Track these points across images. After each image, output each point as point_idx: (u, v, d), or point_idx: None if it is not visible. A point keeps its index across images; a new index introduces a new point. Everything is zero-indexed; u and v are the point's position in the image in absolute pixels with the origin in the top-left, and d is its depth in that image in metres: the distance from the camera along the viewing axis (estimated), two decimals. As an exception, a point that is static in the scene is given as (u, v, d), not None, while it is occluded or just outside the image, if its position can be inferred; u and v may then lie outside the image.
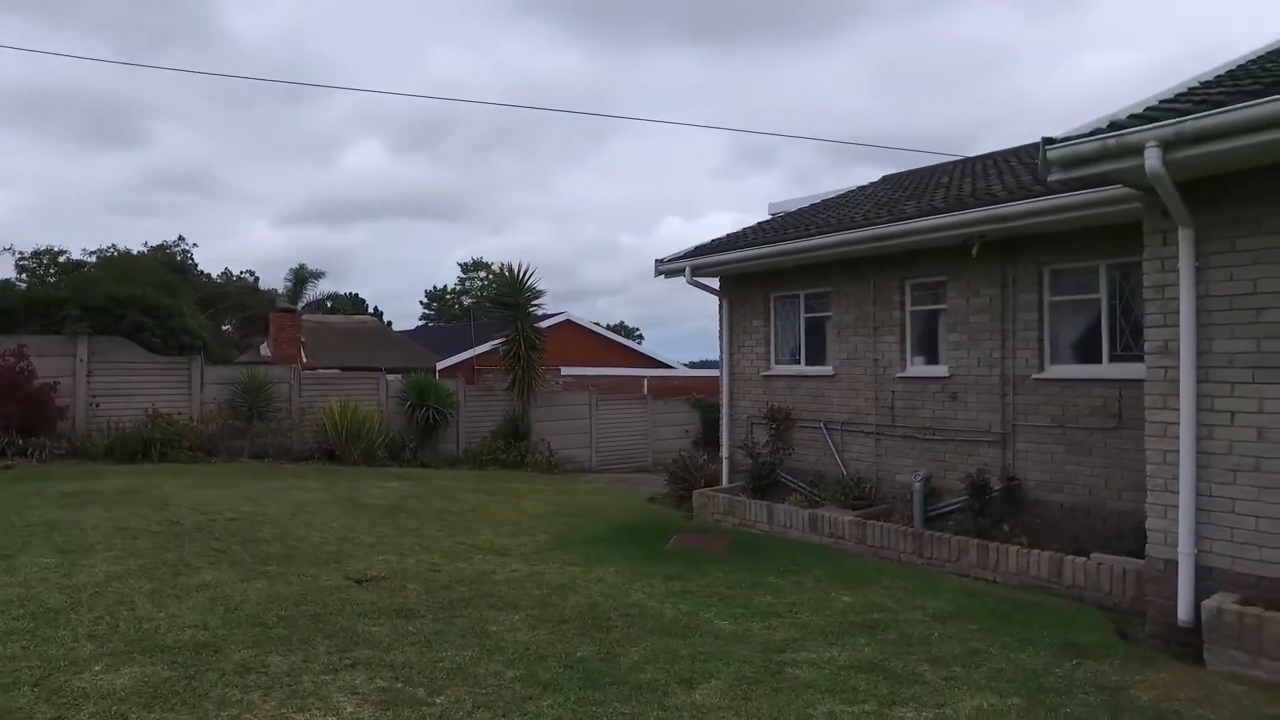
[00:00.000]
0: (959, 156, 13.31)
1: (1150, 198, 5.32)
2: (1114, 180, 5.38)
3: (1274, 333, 4.98)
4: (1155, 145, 4.77)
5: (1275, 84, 4.55)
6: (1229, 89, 4.99)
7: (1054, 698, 4.13)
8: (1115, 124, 5.18)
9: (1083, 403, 7.47)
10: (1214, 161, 4.83)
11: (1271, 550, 4.98)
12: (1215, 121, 4.59)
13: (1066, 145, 5.19)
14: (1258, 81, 4.90)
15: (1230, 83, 5.27)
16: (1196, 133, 4.65)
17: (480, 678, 3.95)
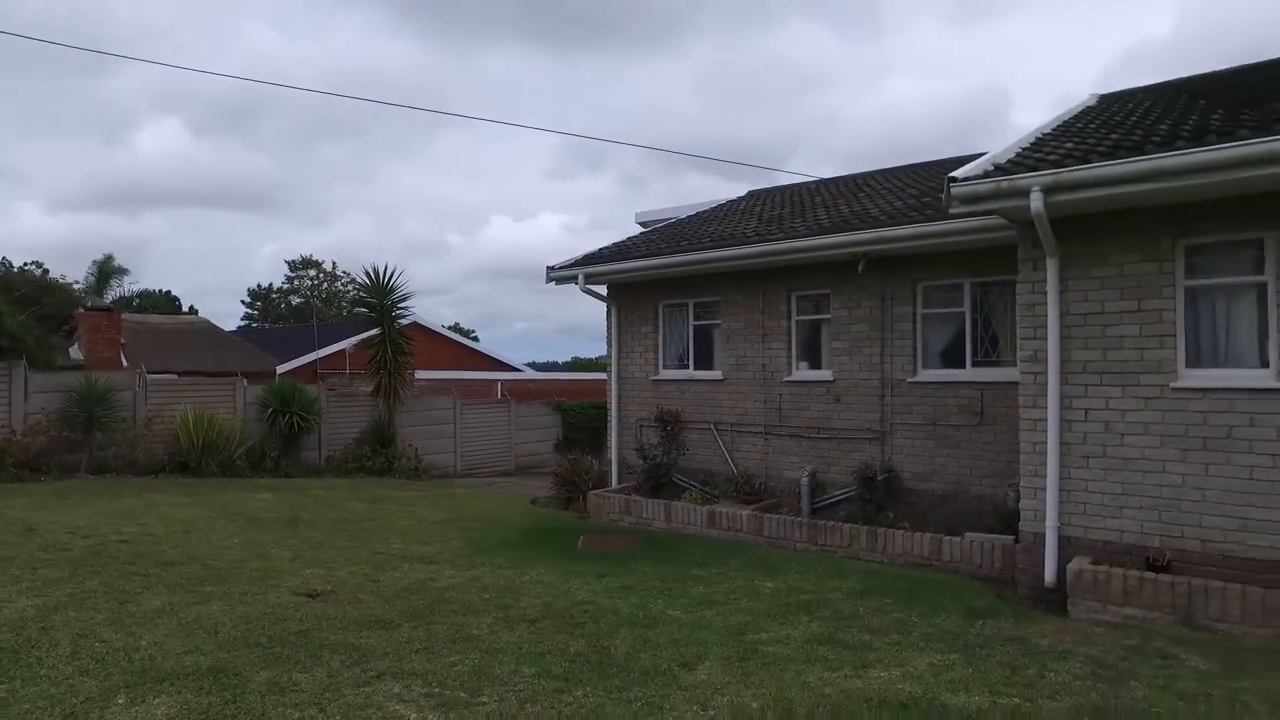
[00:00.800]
0: (812, 177, 14.63)
1: (1026, 230, 6.40)
2: (1002, 215, 6.39)
3: (1116, 345, 6.19)
4: (1039, 190, 5.80)
5: (1135, 147, 5.68)
6: (1097, 145, 6.12)
7: (980, 651, 4.95)
8: (1001, 168, 6.21)
9: (951, 402, 8.66)
10: (1081, 205, 5.93)
11: (1114, 520, 6.19)
12: (1085, 175, 5.67)
13: (967, 184, 6.14)
14: (1118, 144, 6.05)
15: (1094, 139, 6.42)
16: (1072, 182, 5.71)
17: (503, 677, 4.15)
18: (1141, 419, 6.08)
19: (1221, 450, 5.79)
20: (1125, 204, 5.90)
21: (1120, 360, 6.16)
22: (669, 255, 10.19)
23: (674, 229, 12.00)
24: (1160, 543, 5.97)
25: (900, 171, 12.12)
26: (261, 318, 44.67)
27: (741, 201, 13.42)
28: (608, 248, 11.67)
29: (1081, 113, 8.72)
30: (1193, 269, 6.00)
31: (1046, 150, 6.52)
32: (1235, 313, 5.93)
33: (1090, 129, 7.31)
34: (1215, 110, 6.52)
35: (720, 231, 10.72)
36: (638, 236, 12.05)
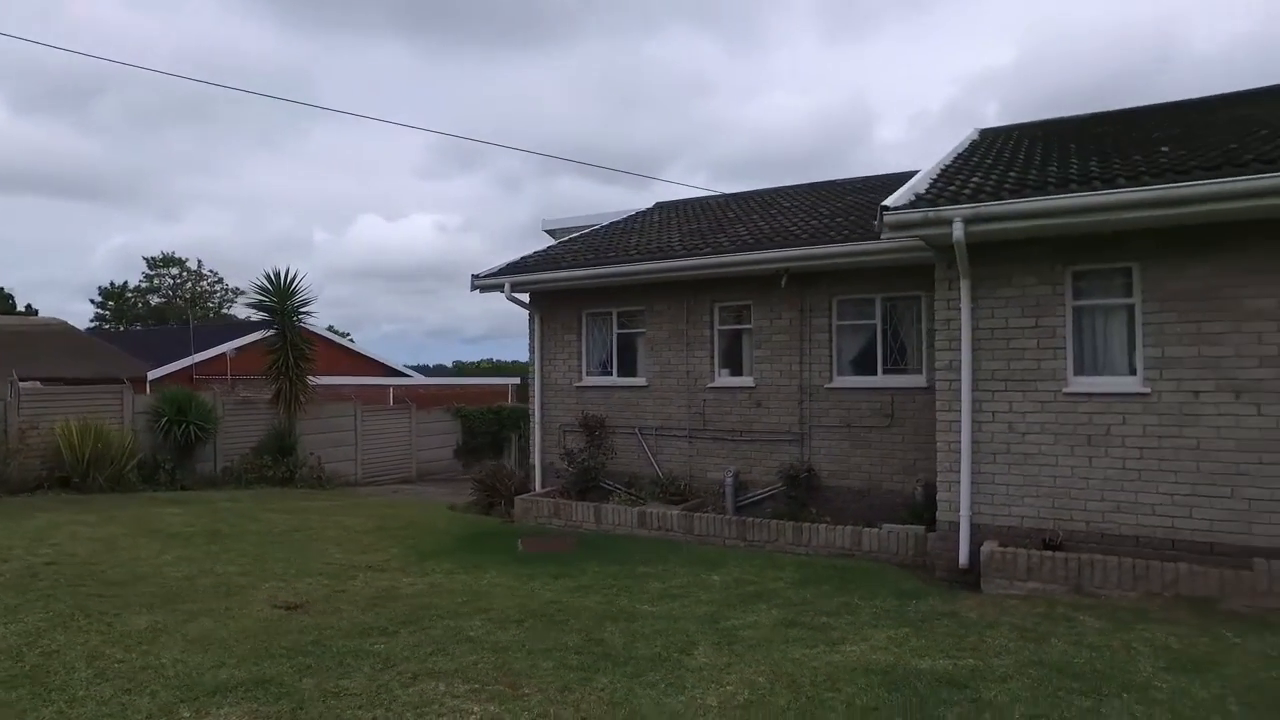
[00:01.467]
0: (693, 186, 15.45)
1: (944, 254, 7.29)
2: (926, 240, 7.25)
3: (1018, 356, 7.18)
4: (960, 220, 6.68)
5: (1039, 187, 6.65)
6: (1002, 182, 7.07)
7: (924, 624, 5.70)
8: (923, 198, 7.08)
9: (864, 406, 9.56)
10: (993, 234, 6.86)
11: (1017, 507, 7.18)
12: (1000, 209, 6.60)
13: (898, 213, 6.96)
14: (1022, 182, 7.02)
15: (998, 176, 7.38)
16: (988, 215, 6.62)
17: (527, 671, 4.47)
18: (1039, 420, 7.10)
19: (1101, 445, 6.87)
20: (1028, 235, 6.89)
21: (1022, 369, 7.15)
22: (600, 266, 10.62)
23: (594, 239, 12.42)
24: (1054, 525, 6.99)
25: (804, 189, 13.09)
26: (115, 319, 41.13)
27: (653, 213, 14.01)
28: (530, 257, 11.95)
29: (970, 146, 9.87)
30: (1078, 291, 7.07)
31: (958, 184, 7.45)
32: (1111, 329, 7.03)
33: (986, 164, 8.36)
34: (1089, 157, 7.66)
35: (644, 244, 11.25)
36: (558, 246, 12.39)
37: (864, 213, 10.32)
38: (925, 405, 9.18)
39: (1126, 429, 6.78)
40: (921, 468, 9.12)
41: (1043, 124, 10.75)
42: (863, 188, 12.17)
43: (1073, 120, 10.57)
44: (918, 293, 9.23)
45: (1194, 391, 6.56)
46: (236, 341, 20.77)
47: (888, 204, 7.06)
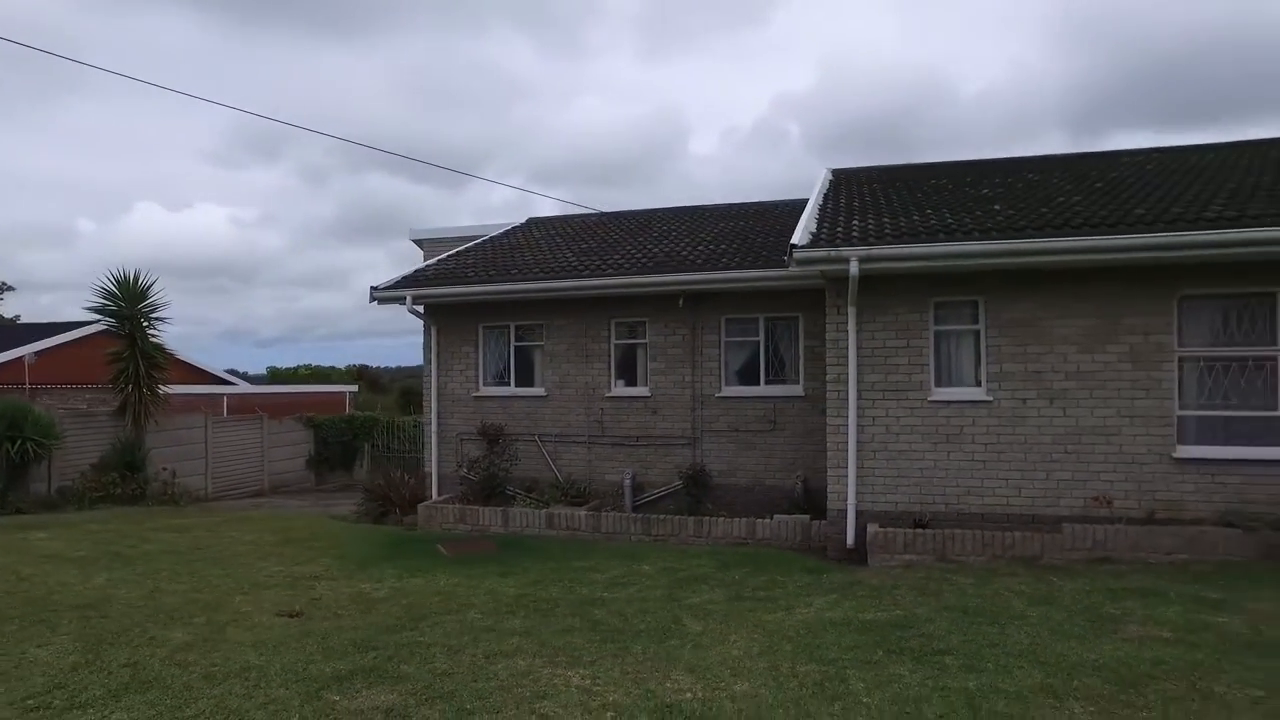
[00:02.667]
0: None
1: (837, 285, 8.83)
2: (825, 273, 8.75)
3: (894, 370, 8.87)
4: (856, 259, 8.24)
5: (913, 234, 8.35)
6: (880, 229, 8.72)
7: (843, 591, 7.09)
8: (822, 239, 8.58)
9: (749, 413, 11.02)
10: (879, 270, 8.47)
11: (893, 495, 8.86)
12: (888, 251, 8.23)
13: (805, 251, 8.41)
14: (901, 229, 8.70)
15: (873, 220, 9.03)
16: (879, 255, 8.24)
17: (569, 647, 5.25)
18: (909, 422, 8.83)
19: (956, 442, 8.71)
20: (904, 272, 8.59)
21: (897, 381, 8.86)
22: (508, 283, 11.32)
23: (486, 254, 13.01)
24: (921, 508, 8.74)
25: (673, 212, 14.46)
26: None
27: (530, 229, 14.79)
28: (428, 270, 12.35)
29: (832, 188, 11.64)
30: (939, 318, 8.88)
31: (844, 227, 9.05)
32: (962, 349, 8.91)
33: (854, 207, 10.09)
34: (942, 208, 9.56)
35: (541, 261, 12.06)
36: (452, 260, 12.84)
37: (743, 240, 11.85)
38: (802, 412, 10.82)
39: (975, 429, 8.66)
40: (800, 465, 10.72)
41: (883, 169, 12.80)
42: (732, 214, 13.75)
43: (908, 168, 12.71)
44: (796, 314, 10.83)
45: (1022, 399, 8.55)
46: (36, 345, 18.83)
47: (795, 243, 8.51)
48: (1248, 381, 8.15)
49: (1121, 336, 8.25)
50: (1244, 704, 3.96)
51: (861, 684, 4.28)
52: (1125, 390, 8.25)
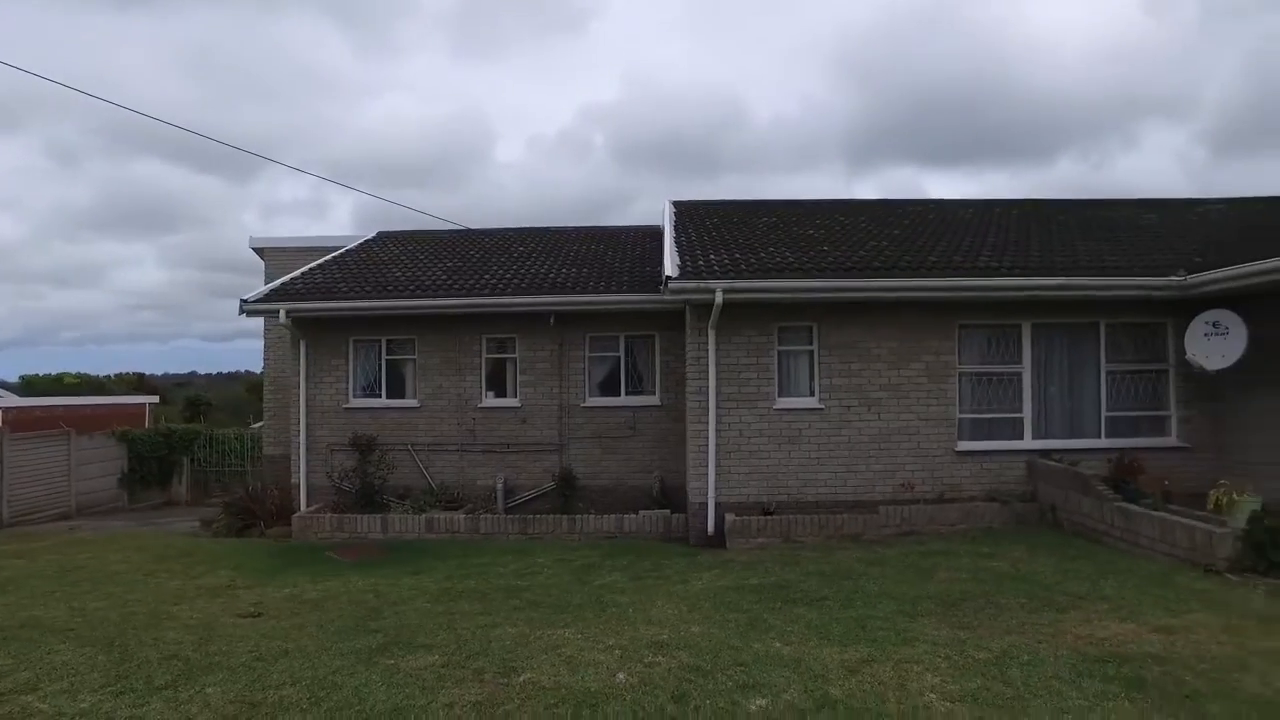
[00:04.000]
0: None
1: (700, 310, 10.53)
2: (692, 300, 10.40)
3: (746, 383, 10.72)
4: (720, 290, 9.98)
5: (764, 270, 10.24)
6: (744, 265, 10.54)
7: (719, 568, 8.72)
8: (689, 271, 10.27)
9: (611, 421, 12.51)
10: (736, 300, 10.27)
11: (745, 489, 10.69)
12: (747, 284, 10.05)
13: (678, 281, 10.03)
14: (756, 266, 10.56)
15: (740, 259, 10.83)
16: (740, 287, 10.04)
17: (533, 619, 6.41)
18: (759, 427, 10.72)
19: (796, 443, 10.72)
20: (756, 302, 10.46)
21: (748, 392, 10.72)
22: (387, 299, 12.01)
23: (351, 268, 13.49)
24: (768, 499, 10.64)
25: (526, 233, 15.68)
26: None
27: (387, 243, 15.37)
28: (297, 283, 12.65)
29: (679, 221, 13.42)
30: (781, 340, 10.85)
31: (705, 260, 10.79)
32: (800, 366, 10.94)
33: (712, 240, 11.90)
34: (782, 246, 11.60)
35: (413, 278, 12.82)
36: (321, 274, 13.19)
37: (602, 264, 13.36)
38: (659, 419, 12.49)
39: (810, 431, 10.71)
40: (657, 467, 12.37)
41: (716, 204, 14.81)
42: (584, 237, 15.21)
43: (737, 204, 14.81)
44: (653, 332, 12.48)
45: (847, 406, 10.72)
46: None
47: (670, 275, 10.12)
48: (1003, 391, 10.85)
49: (921, 356, 10.66)
50: (1015, 608, 5.98)
51: (778, 621, 5.89)
52: (922, 399, 10.66)
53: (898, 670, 4.50)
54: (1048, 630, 5.29)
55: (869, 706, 3.97)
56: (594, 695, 4.22)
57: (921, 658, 4.74)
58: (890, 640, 5.16)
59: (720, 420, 10.68)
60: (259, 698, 4.32)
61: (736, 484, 10.71)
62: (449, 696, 4.25)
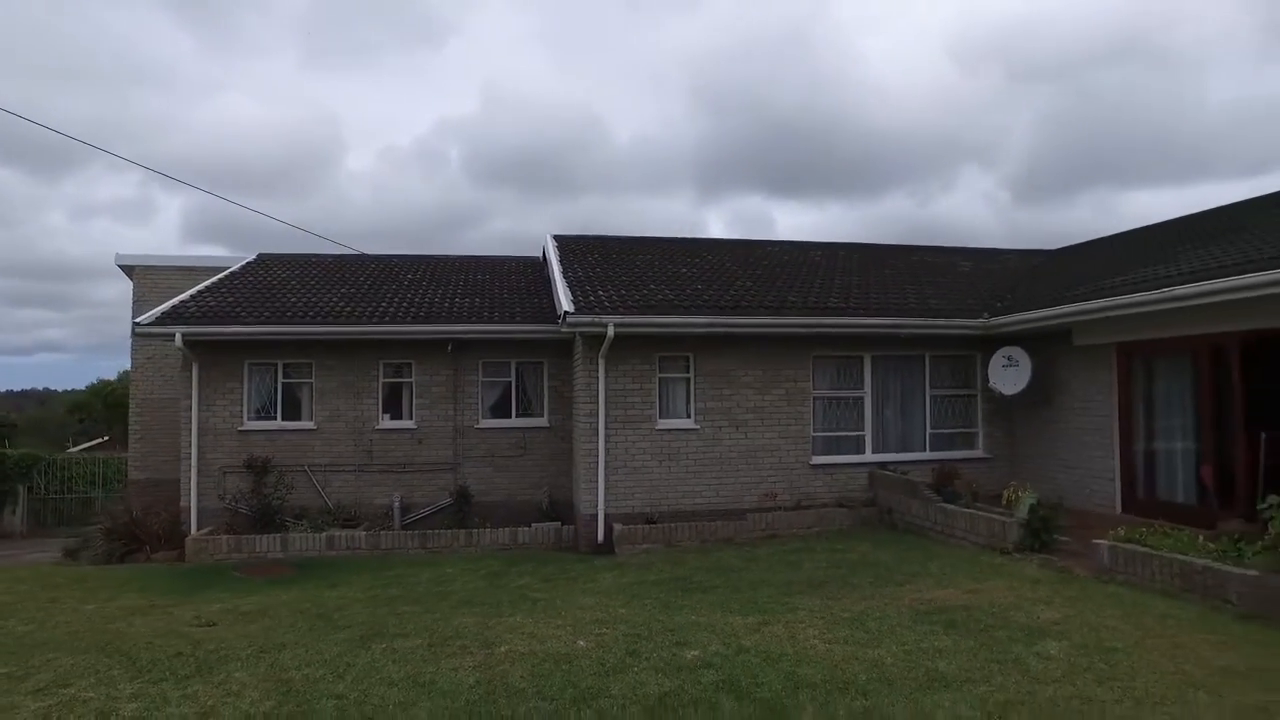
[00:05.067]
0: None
1: (591, 341, 11.94)
2: (585, 333, 11.80)
3: (631, 406, 12.23)
4: (612, 325, 11.46)
5: (648, 308, 11.80)
6: (629, 302, 12.05)
7: (616, 569, 10.15)
8: (583, 307, 11.68)
9: (503, 441, 13.66)
10: (622, 333, 11.76)
11: (631, 501, 12.17)
12: (632, 320, 11.58)
13: (575, 315, 11.42)
14: (639, 303, 12.10)
15: (624, 296, 12.33)
16: (629, 322, 11.55)
17: (477, 612, 7.55)
18: (642, 445, 12.24)
19: (675, 459, 12.32)
20: (639, 334, 11.99)
21: (633, 415, 12.22)
22: (286, 325, 12.62)
23: (243, 291, 13.89)
24: (651, 509, 12.17)
25: (414, 259, 16.53)
26: None
27: (270, 266, 15.76)
28: (191, 305, 12.96)
29: (564, 256, 14.80)
30: (662, 368, 12.45)
31: (591, 295, 12.24)
32: (678, 391, 12.58)
33: (594, 277, 13.35)
34: (660, 283, 13.22)
35: (310, 303, 13.45)
36: (209, 296, 13.50)
37: (491, 294, 14.53)
38: (548, 439, 13.78)
39: (688, 449, 12.35)
40: (546, 483, 13.64)
41: (594, 239, 16.26)
42: (469, 266, 16.29)
43: (614, 240, 16.36)
44: (542, 359, 13.77)
45: (718, 427, 12.45)
46: None
47: (568, 310, 11.49)
48: (848, 412, 12.96)
49: (781, 383, 12.57)
50: (865, 584, 7.77)
51: (686, 603, 7.37)
52: (783, 420, 12.56)
53: (788, 628, 6.10)
54: (890, 597, 7.08)
55: (772, 650, 5.50)
56: (566, 655, 5.52)
57: (802, 619, 6.36)
58: (777, 610, 6.77)
59: (609, 440, 12.11)
60: (286, 676, 5.30)
61: (623, 496, 12.17)
62: (451, 665, 5.41)
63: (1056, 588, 7.26)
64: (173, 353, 15.62)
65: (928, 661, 5.16)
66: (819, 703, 4.48)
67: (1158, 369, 10.70)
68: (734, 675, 4.98)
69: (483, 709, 4.55)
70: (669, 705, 4.51)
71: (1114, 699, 4.47)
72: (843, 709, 4.38)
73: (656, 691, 4.74)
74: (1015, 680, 4.81)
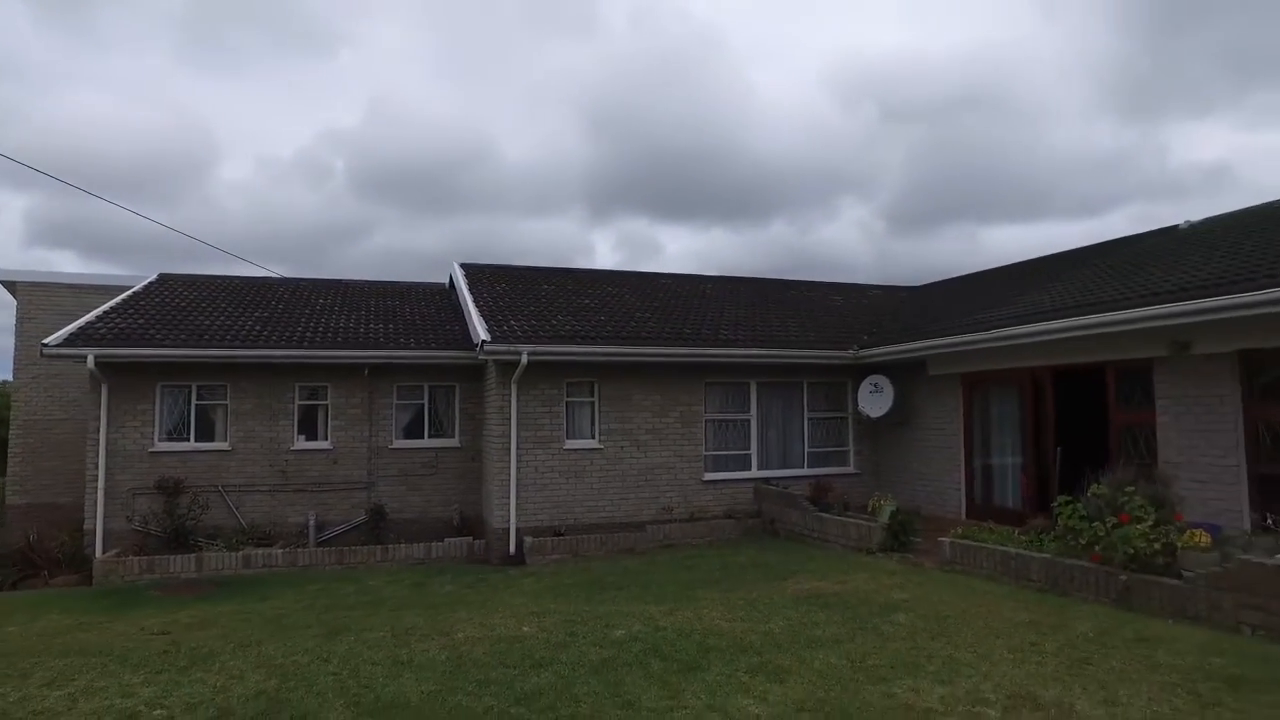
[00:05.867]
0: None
1: (505, 367, 13.11)
2: (500, 361, 12.94)
3: (541, 428, 13.44)
4: (526, 353, 12.68)
5: (558, 337, 13.09)
6: (544, 330, 13.29)
7: (533, 575, 11.31)
8: (499, 336, 12.86)
9: (416, 460, 14.57)
10: (535, 361, 12.99)
11: (540, 515, 13.36)
12: (546, 349, 12.84)
13: (492, 344, 12.57)
14: (553, 332, 13.36)
15: (535, 326, 13.55)
16: (541, 351, 12.79)
17: (421, 612, 8.58)
18: (552, 464, 13.47)
19: (581, 477, 13.61)
20: (551, 361, 13.25)
21: (543, 436, 13.44)
22: (202, 348, 13.14)
23: (155, 312, 14.23)
24: (559, 523, 13.40)
25: (325, 284, 17.18)
26: None
27: (174, 286, 16.06)
28: (99, 327, 13.25)
29: (472, 285, 15.90)
30: (569, 393, 13.74)
31: (504, 324, 13.42)
32: (584, 414, 13.89)
33: (504, 307, 14.52)
34: (566, 315, 14.53)
35: (224, 326, 13.99)
36: (117, 318, 13.78)
37: (404, 320, 15.43)
38: (459, 459, 14.79)
39: (592, 467, 13.67)
40: (456, 500, 14.63)
41: (499, 269, 17.41)
42: (377, 291, 17.10)
43: (517, 270, 17.55)
44: (454, 383, 14.79)
45: (620, 446, 13.83)
46: None
47: (485, 339, 12.63)
48: (736, 433, 14.62)
49: (677, 407, 14.09)
50: (754, 579, 9.29)
51: (605, 598, 8.67)
52: (678, 440, 14.07)
53: (695, 612, 7.51)
54: (776, 588, 8.62)
55: (684, 627, 6.89)
56: (516, 637, 6.72)
57: (705, 606, 7.79)
58: (683, 600, 8.18)
59: (520, 459, 13.28)
60: (278, 663, 6.26)
61: (533, 511, 13.34)
62: (420, 648, 6.51)
63: (909, 577, 9.00)
64: (65, 372, 15.80)
65: (807, 630, 6.67)
66: (725, 659, 5.88)
67: (992, 396, 12.85)
68: (657, 645, 6.33)
69: (459, 675, 5.71)
70: (610, 666, 5.80)
71: (939, 646, 6.08)
72: (743, 663, 5.80)
73: (597, 658, 6.02)
74: (872, 640, 6.37)
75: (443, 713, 4.94)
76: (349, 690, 5.49)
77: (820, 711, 4.74)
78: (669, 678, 5.46)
